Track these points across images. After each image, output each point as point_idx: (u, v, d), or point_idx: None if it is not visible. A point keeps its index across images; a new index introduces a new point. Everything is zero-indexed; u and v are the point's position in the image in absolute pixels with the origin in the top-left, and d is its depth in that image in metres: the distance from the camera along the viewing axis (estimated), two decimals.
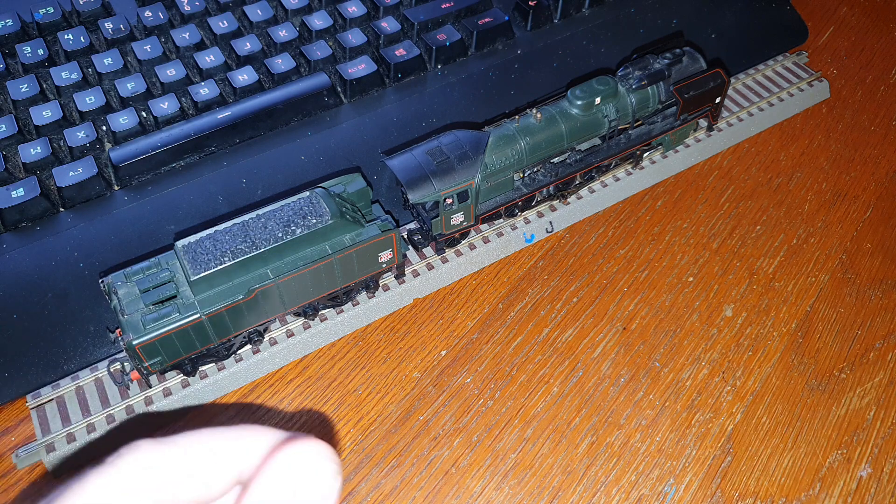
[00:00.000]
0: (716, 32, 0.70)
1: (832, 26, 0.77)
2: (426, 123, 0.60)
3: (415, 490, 0.46)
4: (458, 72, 0.63)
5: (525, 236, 0.58)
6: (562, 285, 0.56)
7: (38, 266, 0.50)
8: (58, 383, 0.49)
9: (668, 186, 0.63)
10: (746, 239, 0.59)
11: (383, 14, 0.65)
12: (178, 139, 0.55)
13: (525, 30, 0.66)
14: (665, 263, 0.57)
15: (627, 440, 0.48)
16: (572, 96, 0.55)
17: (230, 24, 0.62)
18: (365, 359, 0.52)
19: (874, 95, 0.70)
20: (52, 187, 0.53)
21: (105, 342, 0.50)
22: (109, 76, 0.58)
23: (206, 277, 0.44)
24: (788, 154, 0.65)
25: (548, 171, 0.56)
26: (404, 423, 0.49)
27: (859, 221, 0.60)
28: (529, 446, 0.48)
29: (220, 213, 0.54)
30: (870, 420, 0.49)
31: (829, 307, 0.55)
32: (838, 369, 0.51)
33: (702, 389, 0.50)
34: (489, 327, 0.54)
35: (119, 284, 0.46)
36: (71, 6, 0.62)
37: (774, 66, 0.71)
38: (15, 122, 0.55)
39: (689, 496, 0.46)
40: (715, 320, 0.54)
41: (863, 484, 0.46)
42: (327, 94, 0.59)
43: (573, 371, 0.51)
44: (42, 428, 0.47)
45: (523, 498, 0.46)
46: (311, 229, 0.46)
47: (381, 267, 0.51)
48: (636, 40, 0.67)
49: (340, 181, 0.51)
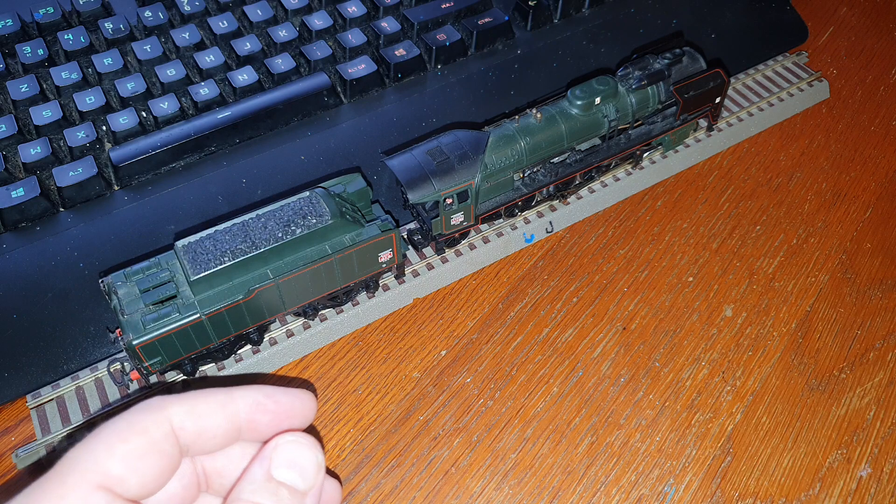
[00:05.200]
0: (716, 32, 0.70)
1: (832, 26, 0.77)
2: (426, 123, 0.60)
3: (415, 490, 0.46)
4: (458, 72, 0.63)
5: (525, 236, 0.58)
6: (562, 285, 0.56)
7: (38, 266, 0.50)
8: (58, 383, 0.49)
9: (668, 186, 0.63)
10: (746, 239, 0.59)
11: (383, 14, 0.65)
12: (178, 139, 0.55)
13: (525, 30, 0.66)
14: (665, 263, 0.57)
15: (627, 440, 0.48)
16: (572, 96, 0.55)
17: (230, 24, 0.62)
18: (365, 359, 0.52)
19: (874, 95, 0.70)
20: (52, 187, 0.53)
21: (105, 342, 0.50)
22: (109, 76, 0.58)
23: (206, 277, 0.44)
24: (788, 154, 0.65)
25: (548, 171, 0.56)
26: (404, 423, 0.49)
27: (859, 221, 0.60)
28: (529, 446, 0.48)
29: (220, 213, 0.54)
30: (870, 420, 0.49)
31: (829, 307, 0.55)
32: (838, 369, 0.51)
33: (702, 389, 0.50)
34: (489, 327, 0.54)
35: (119, 284, 0.46)
36: (71, 6, 0.62)
37: (774, 66, 0.71)
38: (15, 122, 0.55)
39: (689, 496, 0.46)
40: (715, 320, 0.54)
41: (863, 484, 0.46)
42: (327, 94, 0.59)
43: (573, 371, 0.51)
44: (42, 428, 0.47)
45: (523, 498, 0.46)
46: (311, 229, 0.46)
47: (381, 267, 0.51)
48: (636, 40, 0.67)
49: (340, 181, 0.51)
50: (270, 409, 0.32)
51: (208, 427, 0.30)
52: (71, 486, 0.26)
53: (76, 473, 0.27)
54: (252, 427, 0.32)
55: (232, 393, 0.32)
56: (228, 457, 0.33)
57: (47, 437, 0.46)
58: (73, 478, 0.27)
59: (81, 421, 0.47)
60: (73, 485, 0.27)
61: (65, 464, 0.27)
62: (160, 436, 0.29)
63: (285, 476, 0.31)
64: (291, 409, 0.33)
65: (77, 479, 0.27)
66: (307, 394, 0.34)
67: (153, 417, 0.29)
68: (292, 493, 0.30)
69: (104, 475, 0.27)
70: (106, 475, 0.27)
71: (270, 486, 0.30)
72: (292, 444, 0.31)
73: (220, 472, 0.33)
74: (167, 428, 0.29)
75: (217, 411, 0.31)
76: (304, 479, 0.31)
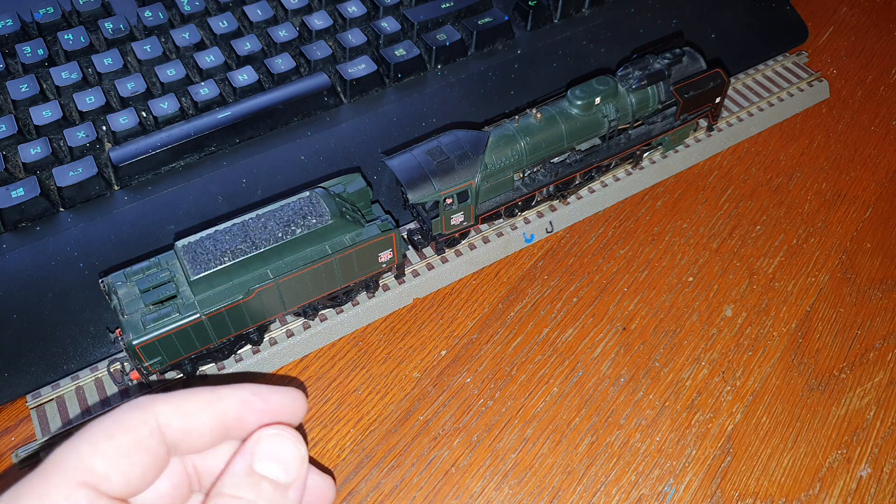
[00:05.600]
0: (716, 32, 0.70)
1: (832, 26, 0.77)
2: (426, 123, 0.60)
3: (415, 490, 0.46)
4: (458, 72, 0.63)
5: (525, 236, 0.58)
6: (562, 285, 0.56)
7: (38, 266, 0.50)
8: (58, 383, 0.49)
9: (668, 186, 0.63)
10: (746, 239, 0.59)
11: (383, 14, 0.65)
12: (178, 139, 0.55)
13: (525, 30, 0.66)
14: (665, 263, 0.57)
15: (627, 440, 0.48)
16: (572, 96, 0.55)
17: (230, 24, 0.62)
18: (365, 359, 0.52)
19: (874, 95, 0.70)
20: (52, 187, 0.53)
21: (105, 342, 0.50)
22: (109, 76, 0.58)
23: (206, 277, 0.44)
24: (788, 154, 0.65)
25: (548, 171, 0.56)
26: (404, 423, 0.49)
27: (859, 221, 0.60)
28: (529, 446, 0.48)
29: (220, 213, 0.54)
30: (870, 420, 0.49)
31: (829, 307, 0.55)
32: (838, 369, 0.51)
33: (702, 389, 0.50)
34: (489, 327, 0.54)
35: (119, 284, 0.46)
36: (71, 6, 0.62)
37: (774, 66, 0.71)
38: (15, 122, 0.55)
39: (689, 496, 0.46)
40: (715, 320, 0.54)
41: (863, 484, 0.46)
42: (327, 94, 0.59)
43: (573, 371, 0.51)
44: (42, 428, 0.47)
45: (523, 498, 0.46)
46: (311, 229, 0.46)
47: (381, 267, 0.51)
48: (636, 40, 0.67)
49: (340, 181, 0.51)
50: (259, 407, 0.32)
51: (195, 425, 0.30)
52: (54, 484, 0.26)
53: (59, 472, 0.27)
54: (241, 426, 0.32)
55: (219, 391, 0.31)
56: (220, 456, 0.33)
57: (47, 437, 0.46)
58: (56, 476, 0.27)
59: (81, 421, 0.47)
60: (57, 483, 0.26)
61: (49, 462, 0.27)
62: (146, 433, 0.29)
63: (267, 469, 0.30)
64: (280, 408, 0.33)
65: (60, 477, 0.26)
66: (296, 392, 0.34)
67: (139, 415, 0.29)
68: (275, 486, 0.30)
69: (88, 472, 0.27)
70: (89, 472, 0.27)
71: (252, 480, 0.30)
72: (274, 438, 0.31)
73: (212, 472, 0.33)
74: (153, 425, 0.29)
75: (204, 409, 0.30)
76: (286, 472, 0.31)
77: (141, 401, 0.30)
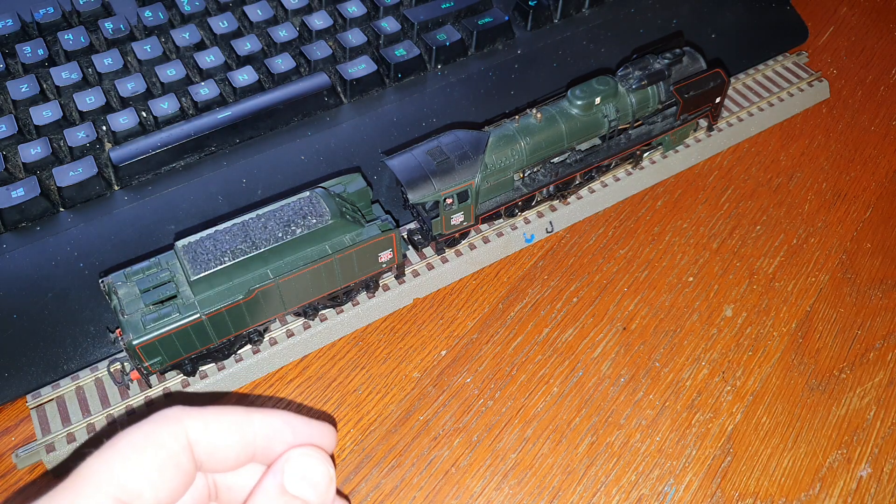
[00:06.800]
0: (716, 32, 0.70)
1: (832, 26, 0.77)
2: (426, 123, 0.60)
3: (415, 490, 0.46)
4: (458, 72, 0.63)
5: (525, 236, 0.58)
6: (562, 285, 0.56)
7: (38, 266, 0.50)
8: (58, 383, 0.49)
9: (668, 186, 0.63)
10: (746, 239, 0.59)
11: (383, 14, 0.65)
12: (178, 139, 0.55)
13: (525, 30, 0.66)
14: (665, 263, 0.57)
15: (627, 440, 0.48)
16: (572, 96, 0.55)
17: (230, 24, 0.62)
18: (365, 359, 0.52)
19: (874, 95, 0.70)
20: (52, 187, 0.53)
21: (105, 342, 0.50)
22: (109, 76, 0.58)
23: (206, 277, 0.44)
24: (788, 154, 0.65)
25: (548, 171, 0.56)
26: (404, 423, 0.49)
27: (859, 221, 0.60)
28: (529, 446, 0.48)
29: (220, 213, 0.54)
30: (870, 420, 0.49)
31: (829, 307, 0.55)
32: (838, 369, 0.51)
33: (702, 389, 0.50)
34: (489, 327, 0.54)
35: (119, 284, 0.46)
36: (71, 6, 0.62)
37: (774, 66, 0.71)
38: (15, 122, 0.55)
39: (689, 496, 0.46)
40: (715, 320, 0.54)
41: (863, 484, 0.46)
42: (327, 94, 0.59)
43: (573, 371, 0.51)
44: (42, 428, 0.47)
45: (523, 498, 0.46)
46: (311, 229, 0.46)
47: (381, 267, 0.51)
48: (636, 40, 0.67)
49: (340, 181, 0.51)
50: (287, 439, 0.32)
51: (222, 445, 0.30)
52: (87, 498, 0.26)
53: (92, 485, 0.27)
54: (266, 453, 0.32)
55: (251, 414, 0.31)
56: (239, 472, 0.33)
57: (47, 437, 0.46)
58: (89, 489, 0.26)
59: (81, 421, 0.47)
60: (89, 496, 0.26)
61: (81, 474, 0.27)
62: (178, 449, 0.29)
63: (298, 489, 0.31)
64: (309, 441, 0.33)
65: (93, 491, 0.26)
66: (327, 426, 0.34)
67: (170, 429, 0.29)
68: None
69: (121, 488, 0.27)
70: (122, 488, 0.27)
71: (284, 499, 0.30)
72: (305, 458, 0.31)
73: (230, 486, 0.33)
74: (184, 441, 0.29)
75: (234, 431, 0.31)
76: (316, 492, 0.31)
77: (172, 413, 0.29)
